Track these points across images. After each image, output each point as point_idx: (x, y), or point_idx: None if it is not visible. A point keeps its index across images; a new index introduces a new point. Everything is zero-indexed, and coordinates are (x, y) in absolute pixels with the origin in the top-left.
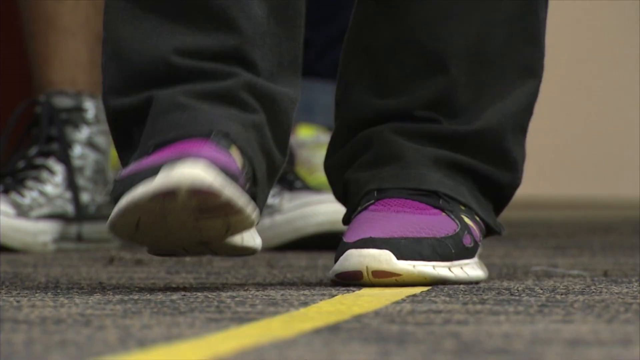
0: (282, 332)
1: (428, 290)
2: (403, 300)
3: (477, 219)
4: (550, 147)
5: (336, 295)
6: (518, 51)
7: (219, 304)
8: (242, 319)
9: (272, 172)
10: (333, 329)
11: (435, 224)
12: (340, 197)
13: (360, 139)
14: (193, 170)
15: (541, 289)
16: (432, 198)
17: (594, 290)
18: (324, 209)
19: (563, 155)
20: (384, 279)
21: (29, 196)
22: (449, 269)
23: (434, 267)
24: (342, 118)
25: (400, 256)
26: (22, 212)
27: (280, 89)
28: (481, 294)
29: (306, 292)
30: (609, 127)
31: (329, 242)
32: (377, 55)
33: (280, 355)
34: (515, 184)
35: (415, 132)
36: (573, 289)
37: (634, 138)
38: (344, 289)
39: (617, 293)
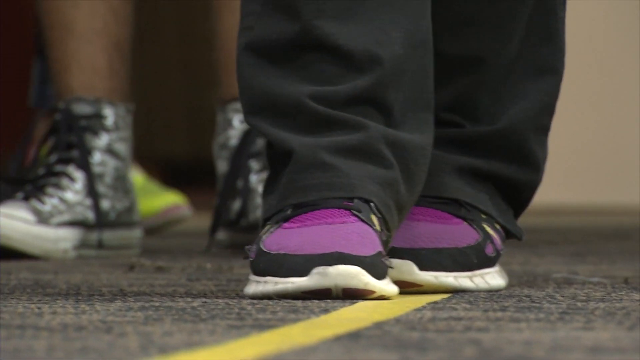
0: (303, 339)
1: (449, 297)
2: (424, 307)
3: (498, 227)
4: (568, 154)
5: (356, 302)
6: (537, 50)
7: (240, 311)
8: (262, 326)
9: (403, 217)
10: (353, 336)
11: (457, 233)
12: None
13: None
14: (349, 271)
15: (562, 297)
16: (453, 207)
17: (615, 298)
18: None
19: (580, 162)
20: (405, 289)
21: (49, 203)
22: (470, 279)
23: (455, 277)
24: None
25: (422, 267)
26: (42, 219)
27: (411, 138)
28: (502, 301)
29: (327, 299)
30: (627, 133)
31: None
32: None
33: None
34: (536, 184)
35: (438, 137)
36: (594, 296)
37: None
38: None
39: (638, 300)
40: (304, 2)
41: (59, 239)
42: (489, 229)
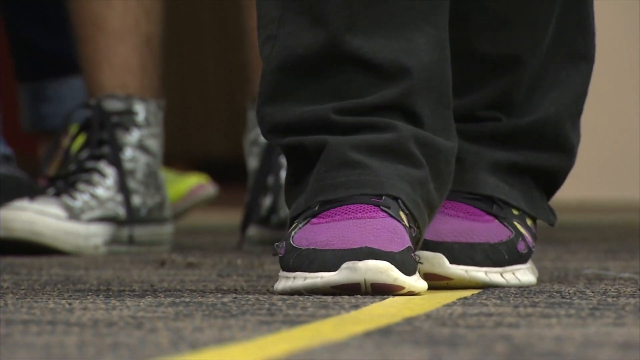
0: (333, 335)
1: (479, 292)
2: (454, 302)
3: (530, 223)
4: (602, 150)
5: (387, 298)
6: (571, 39)
7: (270, 307)
8: (293, 322)
9: (434, 215)
10: (384, 332)
11: (489, 230)
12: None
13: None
14: (378, 266)
15: (592, 292)
16: (486, 203)
17: None
18: None
19: (612, 159)
20: (435, 282)
21: (81, 199)
22: (501, 274)
23: (486, 273)
24: None
25: (453, 260)
26: (73, 215)
27: (441, 141)
28: (532, 297)
29: (357, 295)
30: None
31: None
32: None
33: (331, 358)
34: (569, 168)
35: (476, 131)
36: (624, 292)
37: None
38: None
39: None
40: (333, 13)
41: (90, 235)
42: (520, 227)
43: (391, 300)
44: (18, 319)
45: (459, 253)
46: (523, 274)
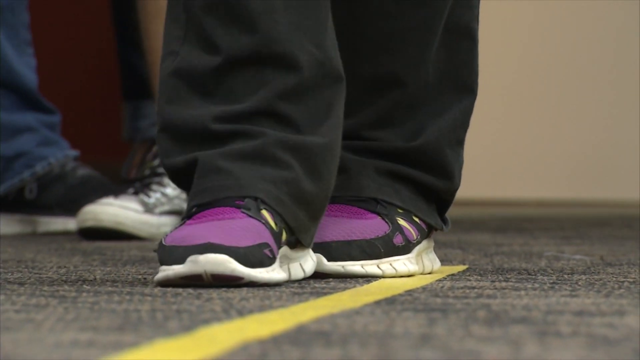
0: (350, 304)
1: (464, 270)
2: (444, 278)
3: (417, 220)
4: (556, 156)
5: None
6: (456, 73)
7: (301, 281)
8: (318, 293)
9: (319, 209)
10: (390, 301)
11: (367, 227)
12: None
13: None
14: (216, 259)
15: (552, 270)
16: (370, 204)
17: (594, 271)
18: None
19: (568, 162)
20: (318, 279)
21: (154, 197)
22: (378, 266)
23: (362, 265)
24: None
25: (330, 258)
26: (148, 209)
27: (313, 140)
28: (505, 274)
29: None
30: (605, 138)
31: None
32: None
33: (349, 322)
34: (453, 190)
35: (361, 148)
36: (577, 269)
37: (626, 147)
38: None
39: (611, 273)
40: (226, 44)
41: (161, 224)
42: (402, 222)
43: (396, 277)
44: (104, 290)
45: (335, 251)
46: (400, 265)
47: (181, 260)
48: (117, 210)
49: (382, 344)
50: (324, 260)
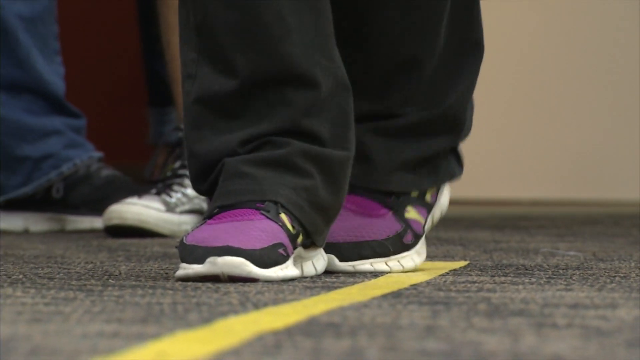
0: (359, 297)
1: (465, 266)
2: (447, 273)
3: (428, 197)
4: (549, 159)
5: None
6: (462, 31)
7: (313, 276)
8: (329, 287)
9: (333, 215)
10: (396, 295)
11: (379, 226)
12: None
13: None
14: (233, 262)
15: (548, 266)
16: (385, 196)
17: (587, 267)
18: None
19: (559, 166)
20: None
21: (175, 197)
22: (386, 263)
23: (371, 263)
24: None
25: (342, 258)
26: (169, 208)
27: (335, 152)
28: (504, 269)
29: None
30: (595, 143)
31: None
32: (350, 69)
33: (358, 315)
34: (465, 137)
35: (391, 127)
36: (571, 265)
37: (614, 151)
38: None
39: (603, 269)
40: (241, 67)
41: (182, 222)
42: (413, 212)
43: (401, 273)
44: (128, 284)
45: (347, 251)
46: (407, 261)
47: (201, 261)
48: (140, 209)
49: (389, 335)
50: (336, 260)
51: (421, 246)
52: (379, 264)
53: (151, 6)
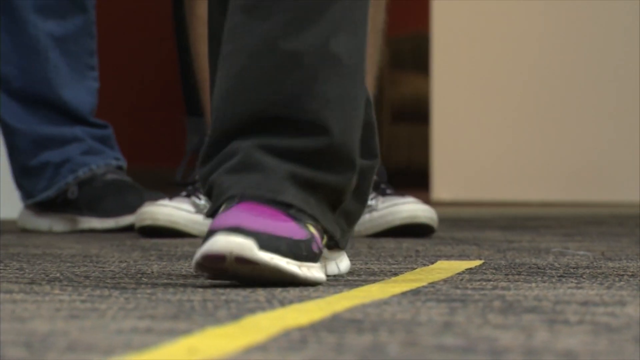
0: (380, 295)
1: (480, 265)
2: (463, 272)
3: (320, 227)
4: (555, 163)
5: (416, 268)
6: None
7: (335, 274)
8: (351, 285)
9: (357, 219)
10: (415, 292)
11: (290, 228)
12: (207, 195)
13: (229, 149)
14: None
15: (559, 264)
16: (285, 207)
17: (596, 266)
18: (407, 208)
19: (566, 169)
20: (243, 266)
21: (204, 199)
22: (299, 267)
23: (287, 262)
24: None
25: (261, 246)
26: (199, 210)
27: (363, 162)
28: (517, 268)
29: (395, 265)
30: (600, 148)
31: (410, 230)
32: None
33: (379, 311)
34: (349, 189)
35: (273, 148)
36: (581, 264)
37: (619, 155)
38: (421, 263)
39: (612, 267)
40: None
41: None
42: (312, 230)
43: (419, 270)
44: (160, 282)
45: (266, 241)
46: (316, 271)
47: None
48: (171, 210)
49: (408, 331)
50: (255, 247)
51: (321, 266)
52: (293, 265)
53: (184, 17)
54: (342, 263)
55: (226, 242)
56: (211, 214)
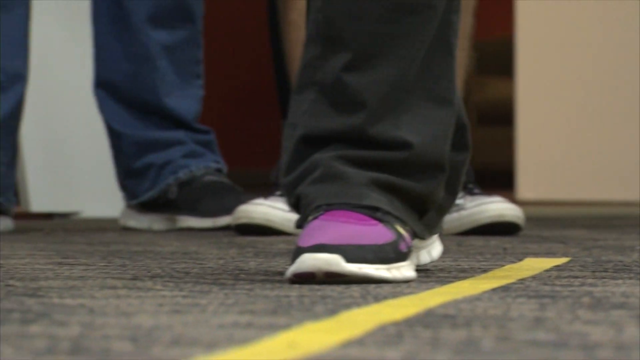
0: (471, 291)
1: (567, 262)
2: (551, 269)
3: (407, 228)
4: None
5: (504, 265)
6: (434, 85)
7: (426, 271)
8: (442, 281)
9: (445, 205)
10: (505, 289)
11: (376, 232)
12: (294, 207)
13: (310, 162)
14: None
15: None
16: (371, 211)
17: None
18: (494, 206)
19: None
20: (333, 279)
21: None
22: (388, 270)
23: (376, 269)
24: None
25: (348, 259)
26: None
27: (455, 157)
28: (604, 265)
29: (484, 262)
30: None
31: (498, 228)
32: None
33: (471, 307)
34: (434, 198)
35: (355, 159)
36: None
37: None
38: (509, 260)
39: None
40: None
41: None
42: (400, 230)
43: (508, 267)
44: (258, 278)
45: (352, 253)
46: (406, 270)
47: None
48: (267, 209)
49: (501, 326)
50: (342, 261)
51: (411, 263)
52: (382, 270)
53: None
54: (434, 250)
55: (314, 261)
56: (300, 224)
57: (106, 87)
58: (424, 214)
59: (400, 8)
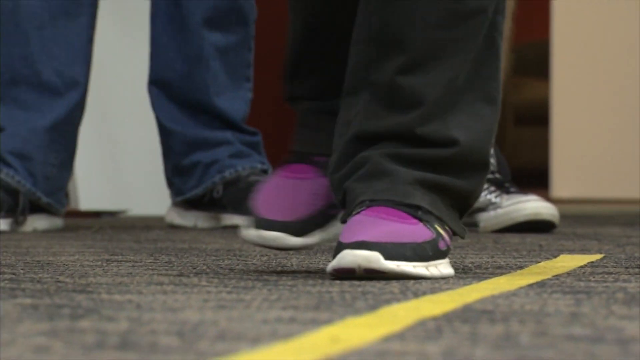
0: (507, 287)
1: (601, 258)
2: (585, 265)
3: (447, 227)
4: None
5: (540, 262)
6: (482, 84)
7: (464, 268)
8: (480, 277)
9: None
10: (541, 284)
11: (415, 231)
12: (341, 202)
13: (359, 159)
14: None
15: None
16: (413, 210)
17: None
18: (530, 205)
19: None
20: (373, 276)
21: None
22: (426, 268)
23: (414, 266)
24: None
25: (387, 257)
26: None
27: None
28: (637, 261)
29: (520, 259)
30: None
31: (533, 226)
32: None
33: (507, 302)
34: (477, 194)
35: (399, 156)
36: None
37: None
38: (545, 257)
39: None
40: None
41: None
42: (440, 229)
43: (543, 263)
44: (300, 275)
45: (391, 251)
46: (444, 268)
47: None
48: None
49: (538, 321)
50: (382, 258)
51: (449, 260)
52: (420, 268)
53: None
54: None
55: (353, 257)
56: (344, 220)
57: (160, 85)
58: (465, 212)
59: (456, 14)
